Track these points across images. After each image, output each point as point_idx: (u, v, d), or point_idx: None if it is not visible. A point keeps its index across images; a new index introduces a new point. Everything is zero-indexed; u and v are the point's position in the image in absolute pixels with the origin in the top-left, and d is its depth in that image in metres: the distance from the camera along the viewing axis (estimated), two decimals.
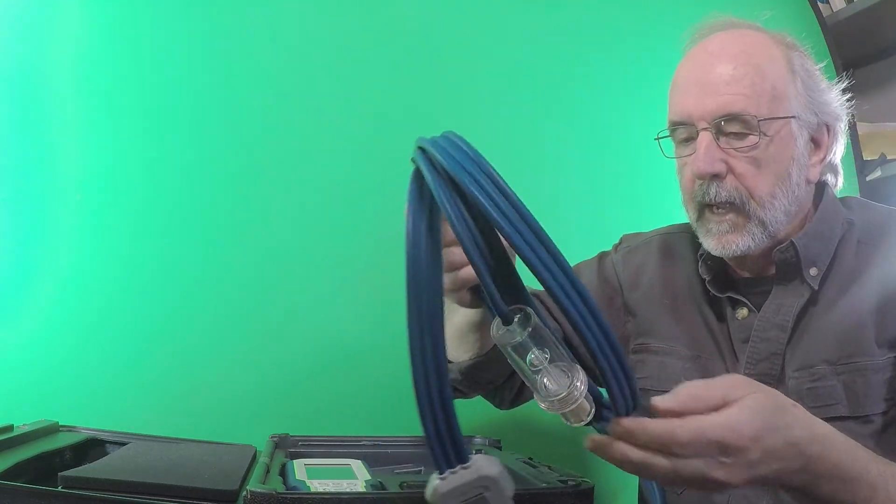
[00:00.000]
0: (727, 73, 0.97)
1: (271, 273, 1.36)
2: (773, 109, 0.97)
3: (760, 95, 0.96)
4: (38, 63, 1.30)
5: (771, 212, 0.98)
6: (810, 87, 1.00)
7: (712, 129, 0.97)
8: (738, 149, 0.97)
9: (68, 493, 0.76)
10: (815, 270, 1.00)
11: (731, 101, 0.96)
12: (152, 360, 1.29)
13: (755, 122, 0.95)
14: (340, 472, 0.94)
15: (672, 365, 1.07)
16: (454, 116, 1.46)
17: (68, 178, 1.30)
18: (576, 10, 1.57)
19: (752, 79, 0.97)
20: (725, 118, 0.96)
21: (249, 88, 1.39)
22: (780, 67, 0.99)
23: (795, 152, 0.99)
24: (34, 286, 1.27)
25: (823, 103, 1.01)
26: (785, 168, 0.98)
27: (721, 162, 0.97)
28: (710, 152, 0.97)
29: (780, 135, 0.97)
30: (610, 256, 1.21)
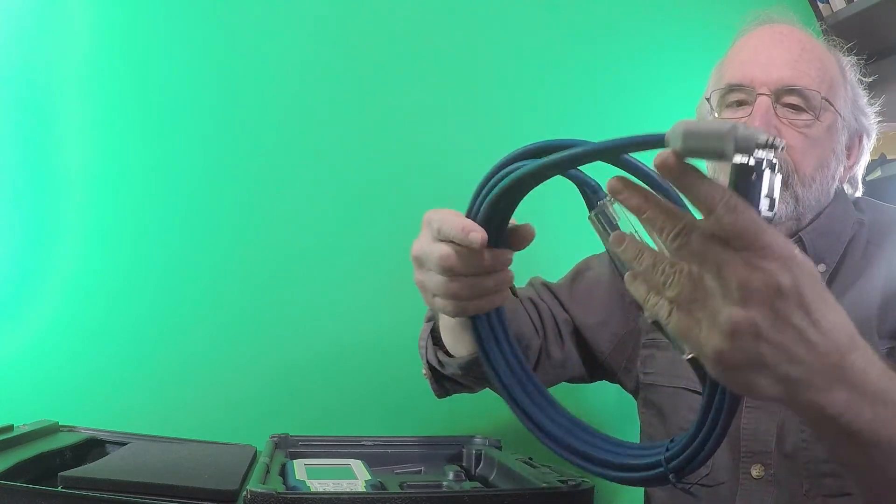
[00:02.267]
0: (796, 53, 1.01)
1: (271, 274, 1.36)
2: (830, 97, 1.00)
3: (823, 81, 1.00)
4: (44, 64, 1.30)
5: (807, 191, 1.00)
6: (855, 95, 1.04)
7: (772, 97, 0.99)
8: (793, 122, 0.99)
9: (68, 493, 0.76)
10: (824, 267, 1.01)
11: (799, 76, 0.99)
12: (152, 361, 1.29)
13: (818, 99, 0.98)
14: (340, 472, 0.94)
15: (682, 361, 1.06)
16: (460, 118, 1.47)
17: (71, 179, 1.30)
18: (574, 10, 1.56)
19: (817, 65, 1.00)
20: (790, 89, 0.99)
21: (253, 90, 1.39)
22: (835, 67, 1.03)
23: (837, 147, 1.02)
24: (35, 286, 1.27)
25: (863, 114, 1.06)
26: (828, 157, 1.01)
27: (775, 129, 0.99)
28: (768, 116, 0.99)
29: (829, 125, 1.01)
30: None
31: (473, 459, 1.12)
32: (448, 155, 1.46)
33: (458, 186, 1.45)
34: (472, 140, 1.47)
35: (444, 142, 1.46)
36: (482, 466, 1.10)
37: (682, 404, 1.06)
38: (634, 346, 1.16)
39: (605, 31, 1.58)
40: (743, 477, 0.99)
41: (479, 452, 1.12)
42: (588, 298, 1.16)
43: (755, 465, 0.98)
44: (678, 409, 1.06)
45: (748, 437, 0.99)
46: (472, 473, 1.10)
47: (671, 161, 0.53)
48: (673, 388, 1.07)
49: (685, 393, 1.06)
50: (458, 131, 1.47)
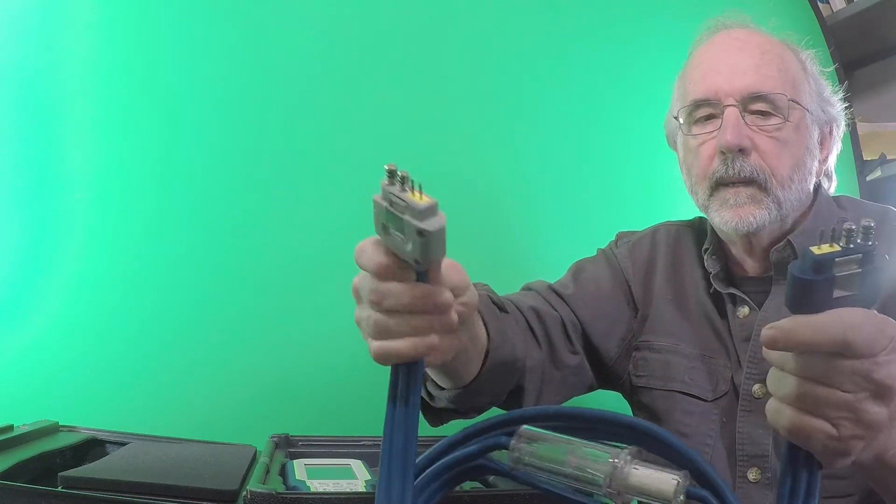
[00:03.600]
0: (756, 57, 1.01)
1: (272, 274, 1.36)
2: (796, 97, 1.00)
3: (786, 81, 1.00)
4: (45, 63, 1.30)
5: (787, 192, 1.00)
6: (819, 87, 1.04)
7: (739, 106, 0.99)
8: (763, 127, 0.99)
9: (68, 493, 0.76)
10: None
11: (761, 81, 0.99)
12: (153, 361, 1.29)
13: (785, 102, 0.98)
14: (340, 472, 0.94)
15: (677, 363, 1.06)
16: (462, 119, 1.47)
17: (73, 179, 1.30)
18: (571, 10, 1.56)
19: (779, 66, 1.00)
20: (754, 96, 0.99)
21: (257, 91, 1.39)
22: (796, 62, 1.03)
23: (809, 143, 1.02)
24: (35, 287, 1.27)
25: (829, 104, 1.05)
26: (802, 155, 1.01)
27: (747, 138, 0.99)
28: (739, 126, 0.99)
29: (799, 123, 1.01)
30: (612, 251, 1.19)
31: None
32: (449, 156, 1.46)
33: (459, 187, 1.47)
34: (473, 141, 1.47)
35: (446, 143, 1.46)
36: None
37: (675, 407, 1.05)
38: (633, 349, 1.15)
39: (605, 32, 1.58)
40: (740, 480, 0.99)
41: None
42: (594, 301, 1.12)
43: (752, 469, 0.98)
44: (672, 413, 1.05)
45: (745, 442, 0.99)
46: None
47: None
48: (667, 391, 1.07)
49: (679, 396, 1.05)
50: (459, 133, 1.47)
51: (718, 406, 1.02)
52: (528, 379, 1.02)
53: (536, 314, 1.06)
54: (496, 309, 0.97)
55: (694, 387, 1.04)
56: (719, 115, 1.00)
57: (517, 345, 0.98)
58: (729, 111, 0.99)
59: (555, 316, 1.08)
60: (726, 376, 1.03)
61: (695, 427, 1.03)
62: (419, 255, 0.61)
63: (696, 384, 1.04)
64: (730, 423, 1.01)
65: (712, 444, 1.01)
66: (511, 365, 0.96)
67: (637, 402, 1.12)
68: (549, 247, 1.47)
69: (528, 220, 1.48)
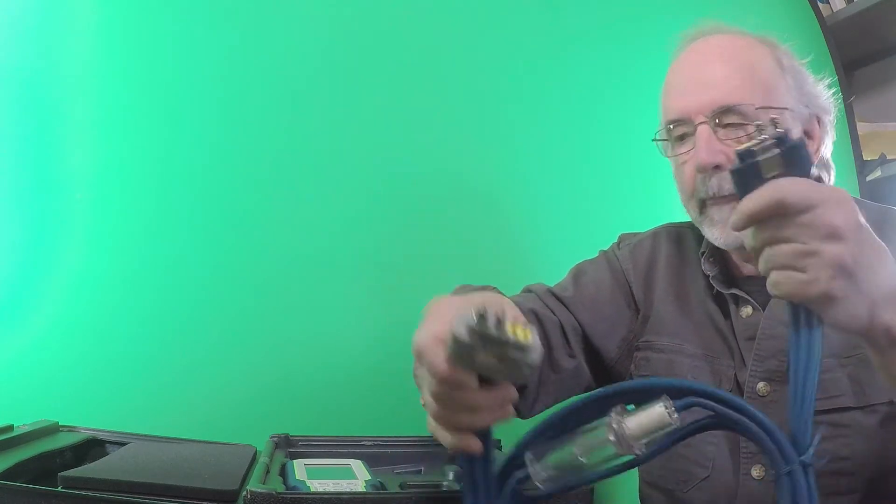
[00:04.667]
0: (720, 71, 1.00)
1: (272, 274, 1.36)
2: (767, 101, 0.99)
3: (754, 88, 0.99)
4: (46, 63, 1.30)
5: None
6: (800, 81, 1.02)
7: (710, 122, 0.99)
8: (738, 139, 0.98)
9: (68, 493, 0.76)
10: None
11: (727, 94, 0.98)
12: (153, 361, 1.29)
13: (753, 111, 0.97)
14: (340, 472, 0.94)
15: (680, 363, 1.06)
16: (463, 121, 1.47)
17: (73, 179, 1.30)
18: (573, 11, 1.56)
19: (745, 74, 0.99)
20: (723, 110, 0.98)
21: (258, 91, 1.39)
22: (770, 63, 1.01)
23: None
24: (35, 287, 1.27)
25: (813, 95, 1.03)
26: None
27: (721, 153, 0.98)
28: (710, 144, 0.98)
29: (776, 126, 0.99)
30: (613, 253, 1.20)
31: None
32: (451, 157, 1.46)
33: (460, 188, 1.47)
34: (473, 142, 1.47)
35: (447, 145, 1.46)
36: None
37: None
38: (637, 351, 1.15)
39: (605, 32, 1.58)
40: (744, 478, 0.99)
41: None
42: (594, 303, 1.14)
43: (756, 466, 0.98)
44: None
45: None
46: None
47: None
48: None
49: None
50: (461, 135, 1.47)
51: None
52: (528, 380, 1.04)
53: (536, 317, 1.08)
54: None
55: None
56: (692, 133, 1.00)
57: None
58: (700, 129, 0.99)
59: (553, 320, 1.10)
60: (730, 375, 1.03)
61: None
62: (515, 377, 0.69)
63: (699, 384, 1.03)
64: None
65: (716, 442, 1.01)
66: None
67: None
68: (550, 247, 1.47)
69: (529, 220, 1.48)
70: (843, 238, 0.66)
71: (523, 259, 1.46)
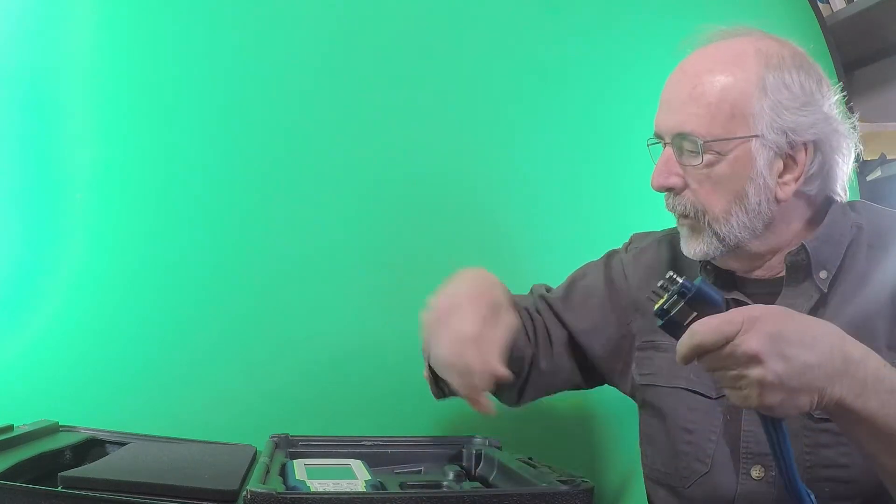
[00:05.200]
0: (685, 93, 0.99)
1: (272, 275, 1.36)
2: (728, 129, 0.97)
3: (715, 115, 0.97)
4: (47, 63, 1.30)
5: (727, 227, 0.99)
6: (783, 107, 0.97)
7: (674, 145, 1.00)
8: (694, 166, 0.99)
9: (68, 493, 0.76)
10: (825, 273, 1.00)
11: (683, 121, 0.99)
12: (153, 361, 1.29)
13: (699, 144, 0.97)
14: (340, 472, 0.94)
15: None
16: (468, 118, 1.46)
17: (73, 179, 1.30)
18: (572, 10, 1.56)
19: (709, 99, 0.97)
20: (679, 136, 0.99)
21: (259, 92, 1.38)
22: (748, 85, 0.97)
23: (753, 172, 0.97)
24: (35, 287, 1.27)
25: (800, 123, 0.98)
26: (741, 187, 0.98)
27: (677, 176, 1.00)
28: (664, 167, 1.01)
29: (736, 154, 0.97)
30: (619, 256, 1.22)
31: (473, 459, 1.12)
32: (451, 158, 1.46)
33: (459, 188, 1.47)
34: (473, 143, 1.47)
35: (448, 145, 1.46)
36: (482, 466, 1.10)
37: (680, 404, 1.06)
38: (629, 350, 1.16)
39: (606, 32, 1.58)
40: (743, 477, 1.00)
41: (479, 452, 1.12)
42: (582, 306, 1.19)
43: (755, 467, 0.99)
44: (677, 409, 1.06)
45: (749, 439, 0.99)
46: (472, 473, 1.10)
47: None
48: (671, 388, 1.08)
49: (683, 392, 1.06)
50: (462, 136, 1.47)
51: (722, 404, 1.03)
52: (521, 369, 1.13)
53: (530, 315, 1.17)
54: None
55: (698, 384, 1.05)
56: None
57: (521, 336, 1.11)
58: (665, 150, 1.01)
59: (541, 323, 1.17)
60: None
61: (699, 423, 1.04)
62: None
63: (701, 382, 1.05)
64: (733, 420, 1.02)
65: (716, 440, 1.02)
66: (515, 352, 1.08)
67: (642, 399, 1.13)
68: (551, 248, 1.46)
69: (529, 221, 1.48)
70: (761, 361, 0.74)
71: (525, 259, 1.46)
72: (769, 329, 0.74)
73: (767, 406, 0.75)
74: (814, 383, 0.75)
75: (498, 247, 1.46)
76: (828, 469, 0.94)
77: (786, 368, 0.74)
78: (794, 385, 0.75)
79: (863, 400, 0.77)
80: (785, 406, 0.75)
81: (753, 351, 0.74)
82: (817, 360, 0.75)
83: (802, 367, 0.75)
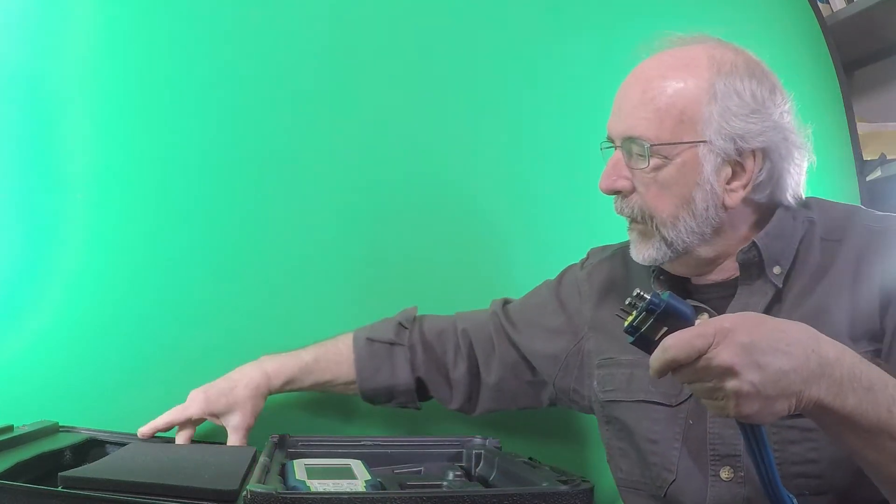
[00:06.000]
0: (636, 97, 1.00)
1: (272, 275, 1.36)
2: (676, 134, 0.98)
3: (663, 120, 0.98)
4: (46, 63, 1.30)
5: (674, 232, 1.00)
6: (732, 113, 0.97)
7: (623, 148, 1.01)
8: (641, 170, 1.00)
9: (68, 493, 0.76)
10: (779, 269, 1.00)
11: (632, 125, 1.00)
12: (153, 362, 1.29)
13: (646, 147, 0.98)
14: (340, 471, 0.94)
15: (641, 375, 1.07)
16: (462, 122, 1.46)
17: (73, 179, 1.30)
18: (578, 12, 1.56)
19: (658, 103, 0.98)
20: (628, 140, 1.00)
21: (257, 90, 1.38)
22: (698, 92, 0.98)
23: (700, 178, 0.98)
24: (35, 287, 1.27)
25: (749, 130, 0.98)
26: (689, 192, 0.99)
27: (625, 180, 1.02)
28: (612, 169, 1.02)
29: (684, 159, 0.98)
30: (574, 273, 1.24)
31: (473, 459, 1.12)
32: (450, 158, 1.46)
33: (458, 188, 1.47)
34: (473, 143, 1.47)
35: (447, 145, 1.46)
36: (482, 466, 1.10)
37: (643, 416, 1.07)
38: (580, 367, 1.17)
39: (605, 33, 1.58)
40: (712, 479, 1.00)
41: (479, 452, 1.12)
42: (531, 326, 1.22)
43: (724, 468, 0.99)
44: (641, 421, 1.07)
45: (715, 441, 1.00)
46: (472, 473, 1.10)
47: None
48: (633, 402, 1.08)
49: (644, 405, 1.07)
50: (459, 136, 1.47)
51: (683, 410, 1.03)
52: (454, 387, 1.25)
53: (467, 336, 1.25)
54: (385, 346, 1.25)
55: (657, 395, 1.06)
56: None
57: (397, 372, 1.24)
58: (615, 154, 1.02)
59: (487, 337, 1.24)
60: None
61: (662, 433, 1.05)
62: None
63: (659, 392, 1.05)
64: (697, 424, 1.02)
65: (679, 447, 1.03)
66: (391, 388, 1.25)
67: (607, 415, 1.13)
68: (549, 249, 1.46)
69: (528, 222, 1.48)
70: (736, 372, 0.73)
71: (522, 260, 1.46)
72: (741, 339, 0.74)
73: (745, 415, 0.75)
74: (790, 388, 0.75)
75: (496, 247, 1.46)
76: (797, 465, 0.95)
77: (761, 377, 0.74)
78: (771, 392, 0.74)
79: (841, 399, 0.76)
80: (763, 413, 0.75)
81: (727, 364, 0.73)
82: (792, 365, 0.75)
83: (778, 374, 0.74)
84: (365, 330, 1.27)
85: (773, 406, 0.75)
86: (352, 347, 1.25)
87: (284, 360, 1.23)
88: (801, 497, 0.90)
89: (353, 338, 1.26)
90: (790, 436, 0.95)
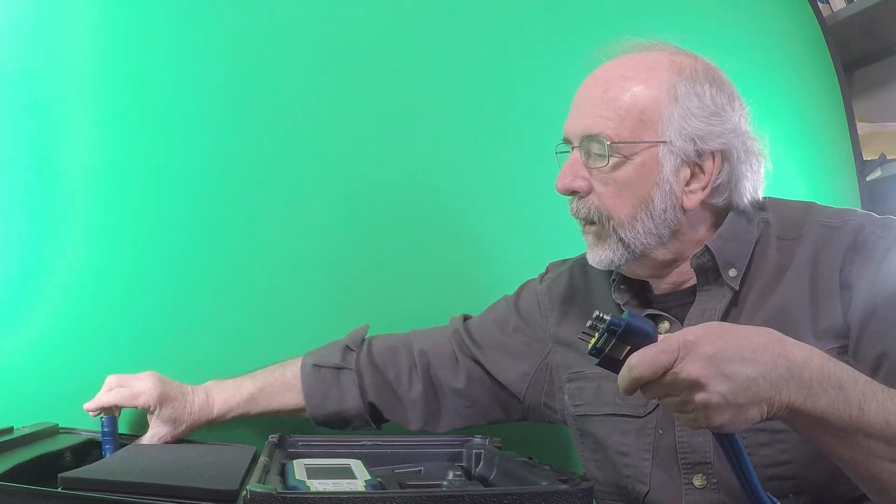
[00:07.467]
0: (597, 97, 1.00)
1: (272, 275, 1.36)
2: (636, 133, 0.98)
3: (624, 119, 0.98)
4: (46, 63, 1.30)
5: (632, 233, 1.00)
6: (692, 114, 0.98)
7: (582, 148, 1.01)
8: (599, 169, 0.99)
9: (68, 493, 0.76)
10: (734, 271, 1.00)
11: (593, 123, 0.99)
12: (152, 363, 1.29)
13: (606, 146, 0.98)
14: (340, 471, 0.94)
15: (607, 388, 1.07)
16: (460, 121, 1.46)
17: (72, 179, 1.30)
18: (575, 12, 1.56)
19: (619, 102, 0.98)
20: (587, 138, 1.00)
21: (257, 91, 1.38)
22: (659, 93, 0.98)
23: (660, 178, 0.98)
24: (35, 288, 1.27)
25: (709, 132, 0.98)
26: (647, 192, 0.99)
27: (582, 180, 1.01)
28: (569, 169, 1.02)
29: (643, 159, 0.98)
30: (533, 288, 1.24)
31: (473, 459, 1.12)
32: (448, 157, 1.46)
33: (458, 187, 1.47)
34: (472, 143, 1.47)
35: (445, 146, 1.46)
36: (482, 466, 1.10)
37: (613, 429, 1.07)
38: (550, 382, 1.18)
39: (604, 33, 1.57)
40: (686, 488, 1.00)
41: (479, 452, 1.12)
42: (495, 343, 1.21)
43: (697, 476, 0.99)
44: (612, 434, 1.07)
45: (686, 451, 1.00)
46: (472, 473, 1.10)
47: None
48: (602, 416, 1.08)
49: (613, 418, 1.07)
50: (457, 137, 1.47)
51: (652, 420, 1.03)
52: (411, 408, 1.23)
53: (425, 356, 1.23)
54: (332, 371, 1.23)
55: (625, 406, 1.05)
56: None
57: (346, 397, 1.22)
58: (572, 153, 1.02)
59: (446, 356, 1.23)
60: None
61: (632, 445, 1.05)
62: None
63: (627, 403, 1.05)
64: (666, 433, 1.02)
65: (650, 458, 1.03)
66: (342, 414, 1.23)
67: (580, 430, 1.14)
68: (546, 252, 1.46)
69: (526, 223, 1.48)
70: (703, 385, 0.73)
71: (519, 261, 1.46)
72: (706, 351, 0.73)
73: (717, 426, 0.75)
74: (760, 394, 0.74)
75: (490, 249, 1.46)
76: (770, 468, 0.95)
77: (729, 387, 0.73)
78: (741, 401, 0.74)
79: (812, 400, 0.76)
80: (735, 422, 0.75)
81: (694, 377, 0.73)
82: (760, 372, 0.74)
83: (746, 382, 0.74)
84: (312, 355, 1.25)
85: (746, 413, 0.75)
86: (299, 375, 1.23)
87: (228, 396, 1.21)
88: (784, 500, 0.90)
89: (300, 364, 1.24)
90: (760, 438, 0.95)
